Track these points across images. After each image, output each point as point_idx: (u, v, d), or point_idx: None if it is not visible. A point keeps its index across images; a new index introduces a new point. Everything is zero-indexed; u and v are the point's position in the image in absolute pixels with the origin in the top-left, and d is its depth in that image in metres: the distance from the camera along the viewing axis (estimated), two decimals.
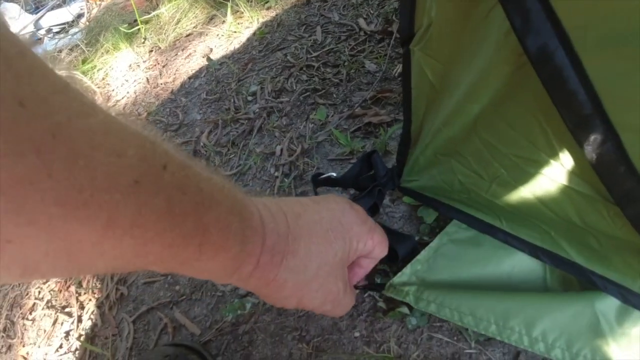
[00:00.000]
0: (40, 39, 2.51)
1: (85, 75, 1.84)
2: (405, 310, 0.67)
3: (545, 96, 0.41)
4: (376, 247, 0.47)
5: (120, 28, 1.99)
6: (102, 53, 1.95)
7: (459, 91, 0.53)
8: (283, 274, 0.36)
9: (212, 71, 1.48)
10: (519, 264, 0.63)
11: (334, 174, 0.80)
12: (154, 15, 2.02)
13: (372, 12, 1.38)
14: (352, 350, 0.68)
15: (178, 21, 1.90)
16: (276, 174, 1.02)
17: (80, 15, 2.58)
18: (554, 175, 0.49)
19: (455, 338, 0.64)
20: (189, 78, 1.53)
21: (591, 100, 0.38)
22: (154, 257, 0.26)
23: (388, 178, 0.75)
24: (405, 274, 0.66)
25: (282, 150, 1.06)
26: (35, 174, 0.19)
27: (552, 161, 0.48)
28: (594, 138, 0.40)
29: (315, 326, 0.73)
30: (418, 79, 0.60)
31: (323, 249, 0.39)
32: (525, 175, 0.52)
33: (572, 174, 0.47)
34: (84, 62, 1.95)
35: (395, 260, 0.70)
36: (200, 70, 1.54)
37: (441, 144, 0.62)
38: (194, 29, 1.82)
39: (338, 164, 0.98)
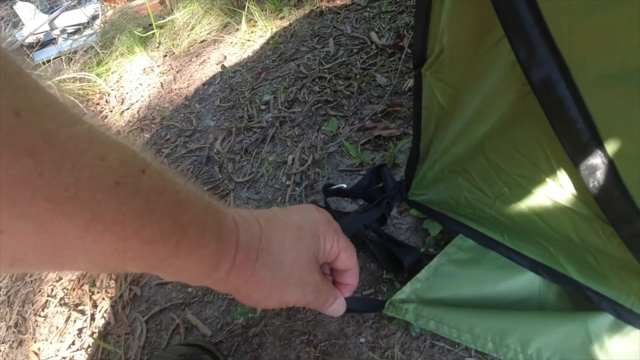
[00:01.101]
0: (54, 38, 2.54)
1: (100, 77, 1.87)
2: None
3: (547, 123, 0.44)
4: (341, 252, 0.47)
5: (135, 32, 2.03)
6: (117, 56, 1.99)
7: (468, 113, 0.56)
8: (260, 270, 0.38)
9: (226, 79, 1.51)
10: (515, 285, 0.66)
11: (344, 185, 0.83)
12: (168, 21, 2.06)
13: (384, 25, 1.41)
14: (357, 355, 0.71)
15: (192, 27, 1.93)
16: (287, 182, 1.04)
17: (94, 17, 2.63)
18: (553, 196, 0.52)
19: (456, 346, 0.67)
20: (203, 84, 1.55)
21: (589, 129, 0.41)
22: (134, 253, 0.29)
23: (396, 191, 0.78)
24: (404, 292, 0.68)
25: (293, 159, 1.08)
26: (28, 173, 0.22)
27: (552, 182, 0.51)
28: (591, 163, 0.43)
29: (323, 331, 0.75)
30: (428, 100, 0.63)
31: (295, 245, 0.42)
32: (527, 194, 0.55)
33: (571, 195, 0.50)
34: (98, 64, 1.98)
35: (401, 270, 0.73)
36: (214, 77, 1.56)
37: (449, 161, 0.65)
38: (208, 36, 1.85)
39: (348, 175, 1.00)
